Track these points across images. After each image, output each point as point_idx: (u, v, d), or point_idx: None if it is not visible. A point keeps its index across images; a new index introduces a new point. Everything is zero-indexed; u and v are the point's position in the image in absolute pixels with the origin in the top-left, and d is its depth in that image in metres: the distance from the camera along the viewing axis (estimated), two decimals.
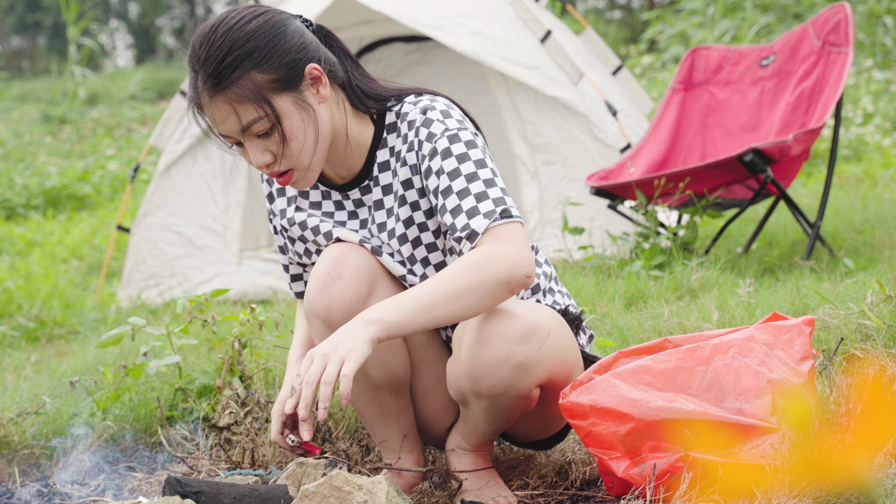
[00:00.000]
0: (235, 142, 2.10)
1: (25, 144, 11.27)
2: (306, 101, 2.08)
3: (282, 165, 2.10)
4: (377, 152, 2.20)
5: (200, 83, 2.05)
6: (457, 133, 2.10)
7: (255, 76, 2.03)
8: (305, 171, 2.12)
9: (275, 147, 2.08)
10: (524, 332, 2.05)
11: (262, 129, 2.06)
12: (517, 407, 2.15)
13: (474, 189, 2.06)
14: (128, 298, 5.34)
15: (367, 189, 2.23)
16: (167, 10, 21.57)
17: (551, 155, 5.14)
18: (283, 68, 2.05)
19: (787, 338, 2.20)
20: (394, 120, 2.19)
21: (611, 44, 13.05)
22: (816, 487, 1.91)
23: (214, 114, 2.06)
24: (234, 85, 2.02)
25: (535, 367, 2.08)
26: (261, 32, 2.05)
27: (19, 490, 2.54)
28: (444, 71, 6.37)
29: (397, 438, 2.31)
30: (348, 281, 2.16)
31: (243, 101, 2.03)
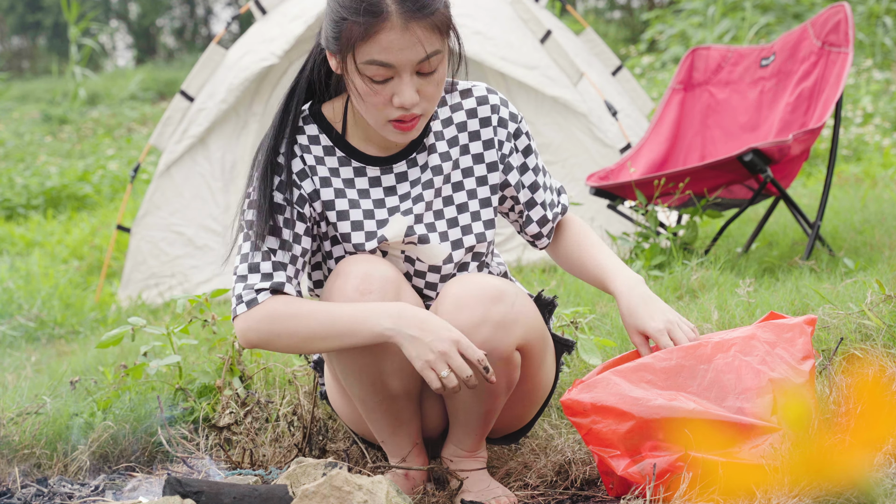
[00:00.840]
0: (387, 76, 2.04)
1: (26, 144, 11.27)
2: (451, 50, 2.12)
3: (419, 108, 2.09)
4: (430, 122, 2.24)
5: (394, 4, 2.00)
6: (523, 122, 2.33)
7: (446, 9, 2.07)
8: (426, 118, 2.14)
9: (430, 87, 2.08)
10: (495, 293, 2.13)
11: (433, 65, 2.06)
12: (502, 376, 2.18)
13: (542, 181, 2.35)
14: (128, 298, 5.35)
15: (413, 161, 2.23)
16: (167, 11, 21.57)
17: (551, 155, 5.14)
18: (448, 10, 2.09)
19: (788, 336, 2.20)
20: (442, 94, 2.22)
21: (611, 44, 13.05)
22: (816, 487, 1.91)
23: (402, 40, 2.01)
24: (437, 13, 2.04)
25: (511, 324, 2.13)
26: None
27: (19, 490, 2.54)
28: None
29: (407, 445, 2.30)
30: (378, 294, 2.13)
31: (435, 31, 2.03)
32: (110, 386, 2.95)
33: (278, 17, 5.43)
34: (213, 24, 22.08)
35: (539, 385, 2.30)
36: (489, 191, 2.26)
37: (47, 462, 2.70)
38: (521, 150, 2.30)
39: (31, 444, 2.71)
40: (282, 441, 2.62)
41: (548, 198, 2.35)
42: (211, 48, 5.47)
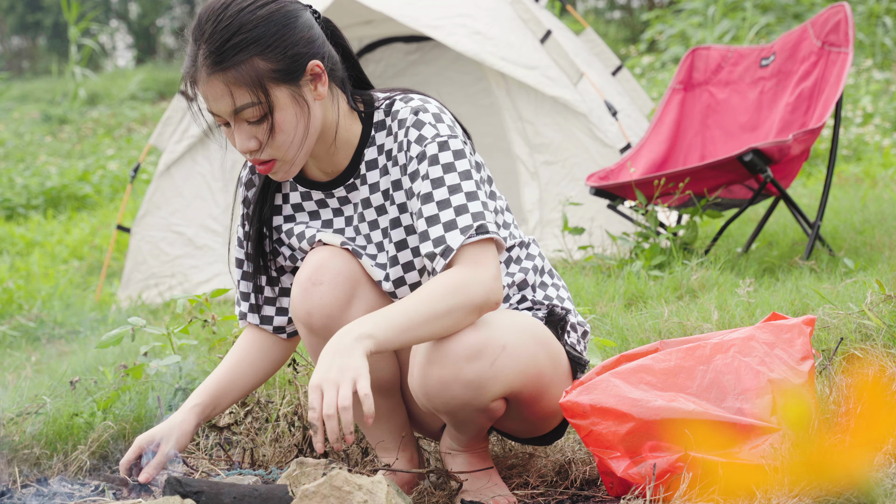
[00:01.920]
0: (224, 122, 2.09)
1: (25, 144, 11.27)
2: (303, 97, 2.08)
3: (265, 154, 2.09)
4: (365, 150, 2.19)
5: (200, 58, 2.04)
6: (447, 140, 2.10)
7: (257, 62, 2.03)
8: (289, 163, 2.11)
9: (262, 135, 2.07)
10: (472, 351, 2.04)
11: (253, 115, 2.05)
12: (480, 418, 2.14)
13: (455, 201, 2.06)
14: (128, 298, 5.35)
15: (352, 187, 2.21)
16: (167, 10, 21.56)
17: (551, 155, 5.14)
18: (287, 60, 2.04)
19: (787, 337, 2.20)
20: (382, 118, 2.18)
21: (611, 44, 13.05)
22: (816, 487, 1.91)
23: (208, 91, 2.06)
24: (235, 67, 2.02)
25: (487, 383, 2.06)
26: (271, 20, 2.04)
27: (19, 490, 2.54)
28: (444, 71, 6.37)
29: (390, 438, 2.31)
30: (328, 286, 2.16)
31: (240, 85, 2.03)
32: (110, 386, 2.94)
33: None
34: None
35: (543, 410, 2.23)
36: (410, 217, 2.17)
37: (47, 462, 2.70)
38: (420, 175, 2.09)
39: (31, 444, 2.71)
40: (282, 441, 2.62)
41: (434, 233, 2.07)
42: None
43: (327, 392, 1.89)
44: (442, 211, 2.06)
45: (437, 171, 2.08)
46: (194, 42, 2.07)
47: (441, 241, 2.05)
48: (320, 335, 2.18)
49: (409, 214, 2.17)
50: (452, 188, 2.07)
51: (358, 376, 1.89)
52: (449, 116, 2.16)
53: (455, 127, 2.15)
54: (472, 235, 2.04)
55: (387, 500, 1.92)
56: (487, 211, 2.07)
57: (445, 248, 2.05)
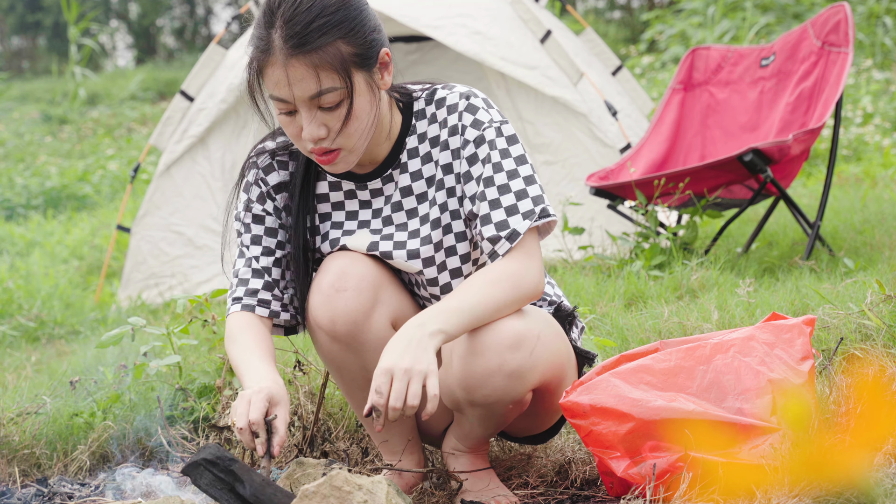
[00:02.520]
0: (289, 110, 2.04)
1: (25, 144, 11.27)
2: (375, 83, 2.08)
3: (334, 143, 2.06)
4: (406, 139, 2.19)
5: (279, 40, 1.99)
6: (501, 126, 2.14)
7: (341, 45, 2.01)
8: (353, 153, 2.10)
9: (335, 122, 2.04)
10: (514, 340, 2.06)
11: (332, 101, 2.02)
12: (511, 412, 2.16)
13: (514, 186, 2.10)
14: (128, 298, 5.35)
15: (389, 178, 2.21)
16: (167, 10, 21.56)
17: (551, 155, 5.14)
18: (366, 45, 2.04)
19: (787, 337, 2.20)
20: (423, 107, 2.19)
21: (611, 44, 13.04)
22: (816, 487, 1.91)
23: (289, 74, 2.00)
24: (321, 49, 1.99)
25: (527, 373, 2.09)
26: (350, 4, 2.04)
27: (19, 490, 2.54)
28: (444, 71, 6.37)
29: (399, 441, 2.31)
30: (353, 293, 2.14)
31: (326, 68, 2.00)
32: (110, 386, 2.94)
33: None
34: (213, 24, 22.08)
35: (554, 406, 2.27)
36: (458, 202, 2.19)
37: (47, 462, 2.70)
38: (480, 158, 2.13)
39: (31, 444, 2.71)
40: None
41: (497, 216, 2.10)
42: (211, 48, 5.47)
43: (398, 381, 1.90)
44: (503, 195, 2.09)
45: (497, 156, 2.11)
46: (266, 26, 2.01)
47: (505, 226, 2.08)
48: (343, 342, 2.16)
49: (457, 199, 2.18)
50: (511, 173, 2.11)
51: (430, 373, 1.91)
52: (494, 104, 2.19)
53: (503, 113, 2.18)
54: (536, 220, 2.09)
55: (387, 500, 1.92)
56: (544, 195, 2.13)
57: (511, 232, 2.08)
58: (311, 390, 2.71)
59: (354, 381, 2.22)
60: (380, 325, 2.17)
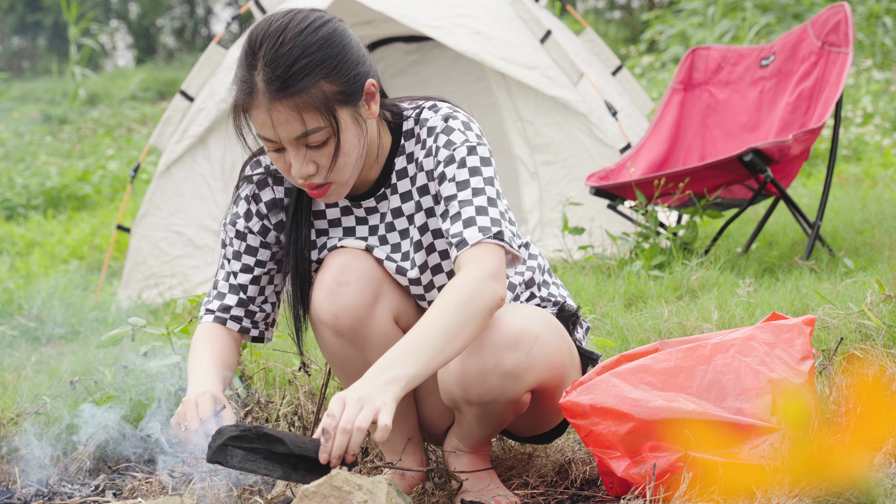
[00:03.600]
0: (276, 148, 2.04)
1: (25, 144, 11.26)
2: (361, 117, 2.06)
3: (324, 178, 2.06)
4: (395, 160, 2.19)
5: (261, 83, 1.99)
6: (475, 146, 2.12)
7: (324, 85, 1.99)
8: (344, 185, 2.10)
9: (323, 159, 2.04)
10: (511, 340, 2.06)
11: (319, 140, 2.02)
12: (508, 412, 2.16)
13: (477, 202, 2.07)
14: (128, 298, 5.35)
15: (382, 197, 2.21)
16: (167, 10, 21.56)
17: (551, 155, 5.14)
18: (349, 82, 2.02)
19: (787, 337, 2.20)
20: (411, 126, 2.18)
21: (611, 44, 13.04)
22: (816, 487, 1.91)
23: (273, 117, 1.99)
24: (304, 92, 1.98)
25: (523, 373, 2.08)
26: (332, 41, 2.01)
27: (19, 490, 2.54)
28: (444, 71, 6.37)
29: (401, 441, 2.31)
30: (355, 286, 2.15)
31: (309, 110, 1.98)
32: (110, 386, 2.94)
33: None
34: (213, 24, 22.08)
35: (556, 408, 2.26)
36: (438, 221, 2.17)
37: (47, 462, 2.70)
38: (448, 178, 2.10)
39: (31, 444, 2.71)
40: None
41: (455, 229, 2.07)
42: (211, 48, 5.47)
43: (349, 407, 1.86)
44: (463, 209, 2.07)
45: (464, 174, 2.09)
46: (248, 68, 2.01)
47: (458, 236, 2.05)
48: (346, 337, 2.17)
49: (437, 218, 2.17)
50: (476, 191, 2.08)
51: (383, 408, 1.86)
52: (478, 126, 2.17)
53: (483, 136, 2.16)
54: (490, 238, 2.04)
55: (387, 500, 1.92)
56: (505, 221, 2.08)
57: (460, 241, 2.04)
58: (311, 390, 2.71)
59: (357, 377, 2.22)
60: (382, 319, 2.18)
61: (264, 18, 2.06)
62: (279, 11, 2.07)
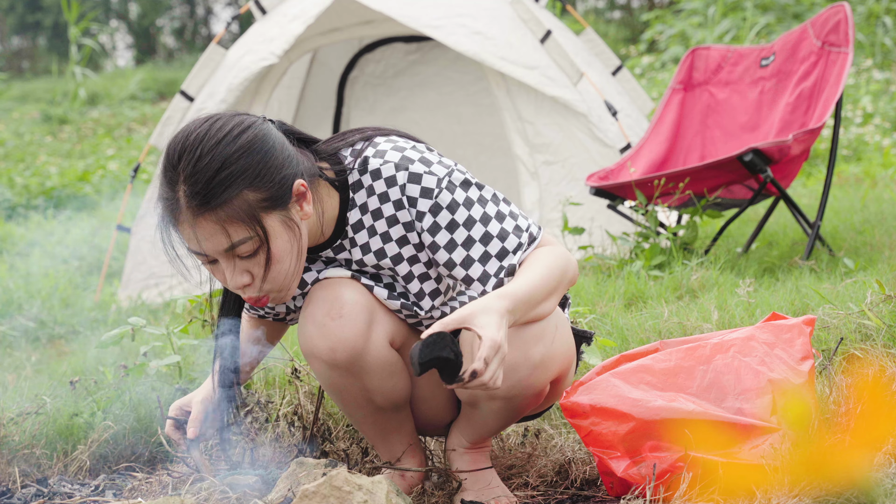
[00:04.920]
0: (209, 260, 2.01)
1: (25, 144, 11.26)
2: (292, 220, 2.01)
3: (261, 290, 2.03)
4: (347, 214, 2.12)
5: (183, 199, 1.93)
6: (450, 179, 2.07)
7: (247, 195, 1.94)
8: (284, 291, 2.06)
9: (256, 268, 2.00)
10: (537, 332, 2.07)
11: (248, 250, 1.97)
12: (530, 404, 2.16)
13: (493, 230, 2.07)
14: (128, 298, 5.35)
15: (340, 248, 2.16)
16: (167, 11, 21.56)
17: (551, 155, 5.14)
18: (275, 186, 1.97)
19: (787, 337, 2.20)
20: (357, 178, 2.10)
21: (611, 44, 13.04)
22: (816, 487, 1.91)
23: (197, 232, 1.95)
24: (226, 204, 1.92)
25: (550, 362, 2.10)
26: (252, 148, 1.95)
27: (19, 490, 2.54)
28: (444, 71, 6.37)
29: (400, 448, 2.31)
30: (348, 319, 2.10)
31: (234, 222, 1.94)
32: (110, 386, 2.94)
33: (278, 17, 5.43)
34: (213, 24, 22.08)
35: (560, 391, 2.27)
36: (424, 267, 2.15)
37: (47, 462, 2.70)
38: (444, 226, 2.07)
39: (31, 444, 2.71)
40: (282, 441, 2.62)
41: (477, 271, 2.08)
42: (211, 48, 5.47)
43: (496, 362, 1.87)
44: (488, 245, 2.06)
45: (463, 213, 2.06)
46: (169, 184, 1.95)
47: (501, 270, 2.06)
48: (343, 369, 2.14)
49: (422, 264, 2.14)
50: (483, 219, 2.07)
51: None
52: (424, 147, 2.11)
53: (441, 157, 2.10)
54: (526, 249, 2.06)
55: (386, 500, 1.92)
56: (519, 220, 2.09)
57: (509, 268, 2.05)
58: (311, 390, 2.71)
59: (355, 403, 2.21)
60: (378, 346, 2.15)
61: (182, 129, 1.98)
62: (198, 119, 2.00)
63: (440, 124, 6.42)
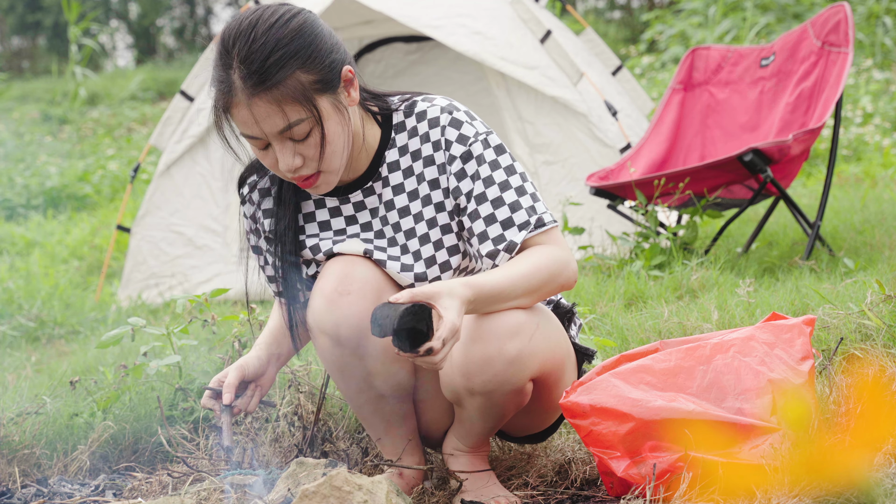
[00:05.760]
0: (263, 144, 2.06)
1: (25, 144, 11.26)
2: (342, 104, 2.07)
3: (311, 168, 2.07)
4: (385, 152, 2.18)
5: (238, 80, 1.99)
6: (487, 137, 2.15)
7: (300, 76, 2.00)
8: (334, 174, 2.11)
9: (310, 151, 2.05)
10: (514, 327, 2.07)
11: (303, 131, 2.03)
12: (511, 402, 2.16)
13: (508, 198, 2.11)
14: (128, 298, 5.35)
15: (370, 191, 2.20)
16: (167, 10, 21.55)
17: (551, 155, 5.14)
18: (325, 69, 2.03)
19: (787, 337, 2.20)
20: (402, 119, 2.18)
21: (611, 44, 13.04)
22: (816, 487, 1.91)
23: (254, 113, 2.00)
24: (281, 84, 1.99)
25: (527, 359, 2.09)
26: (303, 32, 2.02)
27: (19, 490, 2.54)
28: (444, 71, 6.37)
29: (401, 443, 2.31)
30: (356, 296, 2.13)
31: (289, 101, 2.00)
32: (110, 386, 2.95)
33: None
34: (213, 24, 22.08)
35: (554, 403, 2.27)
36: (448, 217, 2.18)
37: (47, 462, 2.70)
38: (469, 174, 2.13)
39: (31, 444, 2.71)
40: (282, 441, 2.62)
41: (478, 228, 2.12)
42: (211, 48, 5.46)
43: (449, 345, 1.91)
44: (497, 209, 2.11)
45: (487, 170, 2.12)
46: (223, 68, 2.01)
47: (501, 239, 2.09)
48: (347, 346, 2.15)
49: (447, 213, 2.17)
50: (502, 185, 2.12)
51: None
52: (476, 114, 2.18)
53: (486, 124, 2.17)
54: (532, 230, 2.10)
55: (386, 501, 1.92)
56: (537, 202, 2.13)
57: (509, 244, 2.09)
58: (311, 390, 2.71)
59: (357, 385, 2.22)
60: None
61: (234, 17, 2.07)
62: (248, 9, 2.08)
63: None
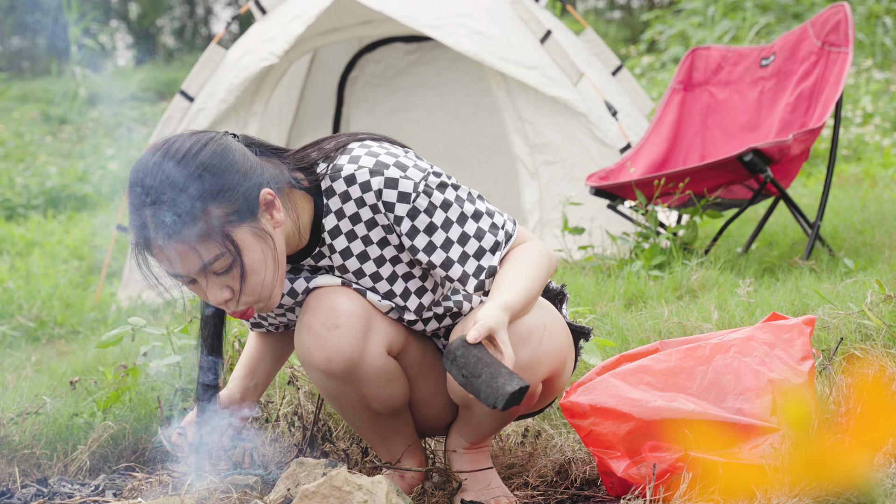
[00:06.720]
0: (189, 280, 2.00)
1: (25, 144, 11.26)
2: (264, 230, 2.00)
3: (241, 303, 2.02)
4: (323, 220, 2.11)
5: (150, 222, 1.93)
6: (426, 183, 2.07)
7: (213, 210, 1.94)
8: (267, 300, 2.05)
9: (235, 283, 1.99)
10: (524, 333, 2.07)
11: (223, 266, 1.97)
12: (522, 405, 2.15)
13: (470, 230, 2.09)
14: (128, 298, 5.34)
15: (320, 255, 2.16)
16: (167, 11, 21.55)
17: (551, 155, 5.14)
18: (239, 199, 1.96)
19: (787, 337, 2.20)
20: (329, 185, 2.09)
21: (611, 44, 13.04)
22: (816, 487, 1.91)
23: (170, 255, 1.95)
24: (192, 224, 1.92)
25: (538, 363, 2.09)
26: (213, 164, 1.95)
27: (19, 490, 2.54)
28: (444, 71, 6.37)
29: (400, 450, 2.31)
30: (345, 329, 2.10)
31: (203, 240, 1.93)
32: (110, 386, 2.94)
33: (278, 17, 5.43)
34: (213, 24, 22.07)
35: (557, 389, 2.27)
36: (407, 266, 2.15)
37: (47, 462, 2.70)
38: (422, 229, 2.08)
39: (31, 444, 2.71)
40: (282, 441, 2.62)
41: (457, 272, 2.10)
42: (211, 48, 5.47)
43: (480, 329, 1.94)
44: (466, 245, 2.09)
45: (440, 215, 2.07)
46: (134, 208, 1.95)
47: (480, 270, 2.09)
48: (339, 378, 2.13)
49: (404, 264, 2.14)
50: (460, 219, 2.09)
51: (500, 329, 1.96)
52: (399, 151, 2.11)
53: (417, 160, 2.10)
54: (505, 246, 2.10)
55: (386, 501, 1.92)
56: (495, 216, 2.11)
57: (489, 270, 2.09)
58: (311, 390, 2.71)
59: (353, 408, 2.22)
60: (375, 355, 2.14)
61: (141, 157, 1.99)
62: (156, 143, 2.01)
63: (440, 124, 6.42)
